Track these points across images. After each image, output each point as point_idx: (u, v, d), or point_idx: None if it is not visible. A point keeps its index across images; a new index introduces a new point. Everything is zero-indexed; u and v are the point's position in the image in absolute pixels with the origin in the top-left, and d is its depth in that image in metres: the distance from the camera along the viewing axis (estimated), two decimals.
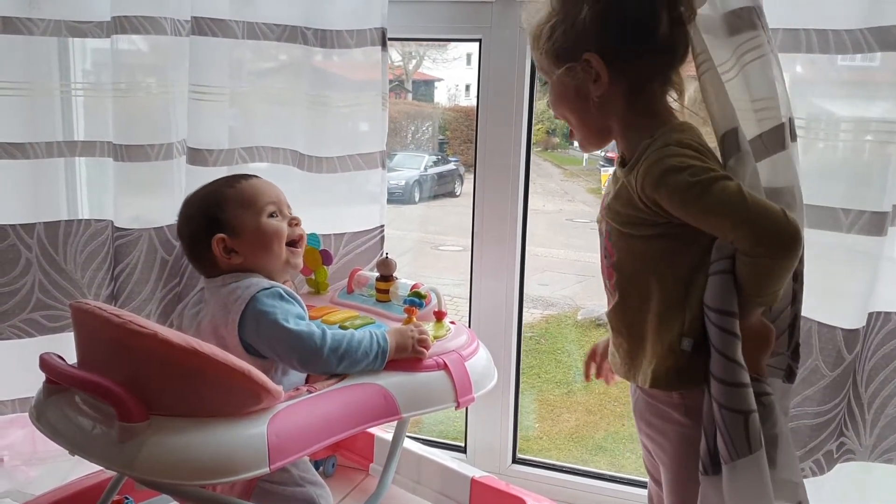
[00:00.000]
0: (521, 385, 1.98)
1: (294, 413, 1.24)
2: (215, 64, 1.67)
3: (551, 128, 6.70)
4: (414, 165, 5.75)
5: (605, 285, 1.20)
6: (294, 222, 1.49)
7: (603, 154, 6.19)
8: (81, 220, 1.79)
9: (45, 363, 1.24)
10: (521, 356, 1.96)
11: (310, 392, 1.30)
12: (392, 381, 1.37)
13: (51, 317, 1.79)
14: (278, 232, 1.45)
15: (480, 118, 1.81)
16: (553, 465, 1.97)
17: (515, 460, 1.98)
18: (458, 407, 1.43)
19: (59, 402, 1.25)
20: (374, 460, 1.91)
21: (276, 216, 1.46)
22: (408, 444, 1.83)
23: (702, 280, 1.07)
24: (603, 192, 1.22)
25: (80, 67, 1.82)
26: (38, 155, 1.72)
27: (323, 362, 1.33)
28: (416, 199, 5.70)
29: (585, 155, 6.60)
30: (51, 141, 1.73)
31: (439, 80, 6.33)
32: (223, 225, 1.42)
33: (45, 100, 1.73)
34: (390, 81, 1.69)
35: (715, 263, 1.05)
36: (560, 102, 1.16)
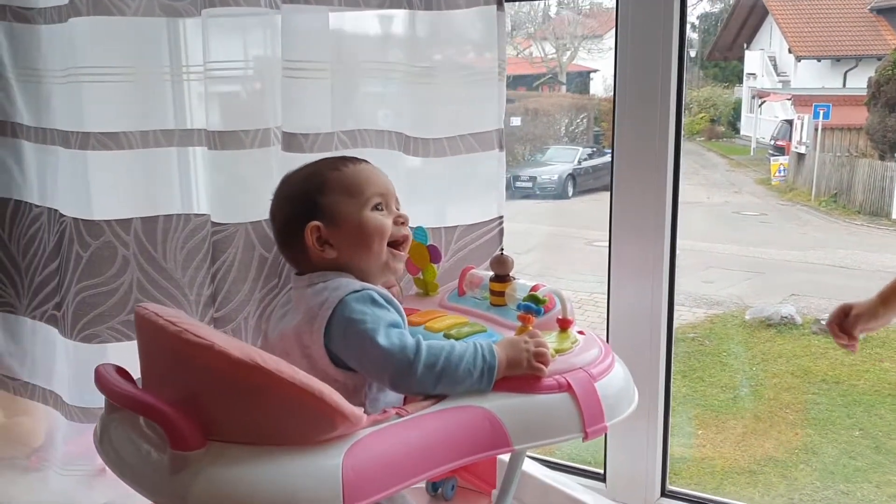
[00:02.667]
0: (683, 389, 1.68)
1: (377, 443, 1.03)
2: (310, 37, 1.49)
3: (715, 116, 6.32)
4: (567, 159, 5.70)
5: None
6: (400, 220, 1.28)
7: (772, 143, 5.84)
8: (181, 214, 1.67)
9: (99, 377, 1.10)
10: (672, 368, 1.67)
11: (399, 416, 1.08)
12: (501, 405, 1.13)
13: None
14: (381, 228, 1.25)
15: (618, 96, 1.55)
16: (709, 499, 1.66)
17: (665, 493, 1.69)
18: (585, 438, 1.17)
19: (122, 422, 1.10)
20: (497, 485, 1.68)
21: (382, 210, 1.26)
22: (534, 468, 1.59)
23: None
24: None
25: (183, 51, 1.70)
26: (133, 145, 1.61)
27: (416, 382, 1.11)
28: (570, 193, 5.64)
29: (753, 144, 6.25)
30: (146, 130, 1.61)
31: (595, 70, 6.24)
32: (321, 211, 1.24)
33: (141, 86, 1.61)
34: (543, 75, 1.46)
35: None
36: None
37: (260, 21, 1.50)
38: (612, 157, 1.59)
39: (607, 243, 1.63)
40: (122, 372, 1.12)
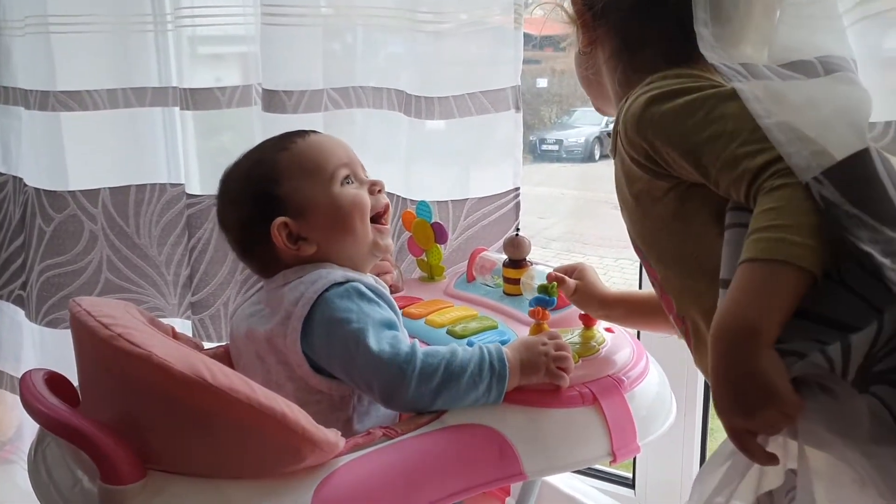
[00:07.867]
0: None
1: (357, 474, 0.84)
2: None
3: None
4: (594, 121, 5.37)
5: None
6: (376, 188, 1.06)
7: None
8: (156, 184, 1.48)
9: (23, 388, 0.91)
10: None
11: (387, 438, 0.89)
12: (512, 422, 0.93)
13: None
14: (359, 203, 1.03)
15: None
16: None
17: None
18: (614, 461, 0.97)
19: (59, 440, 0.92)
20: (512, 493, 1.49)
21: (352, 181, 1.05)
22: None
23: None
24: None
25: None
26: (100, 106, 1.42)
27: (410, 398, 0.91)
28: (597, 156, 5.37)
29: None
30: (113, 88, 1.42)
31: None
32: (283, 204, 1.02)
33: (106, 38, 1.41)
34: (568, 35, 1.22)
35: None
36: None
37: None
38: None
39: None
40: (55, 380, 0.93)
